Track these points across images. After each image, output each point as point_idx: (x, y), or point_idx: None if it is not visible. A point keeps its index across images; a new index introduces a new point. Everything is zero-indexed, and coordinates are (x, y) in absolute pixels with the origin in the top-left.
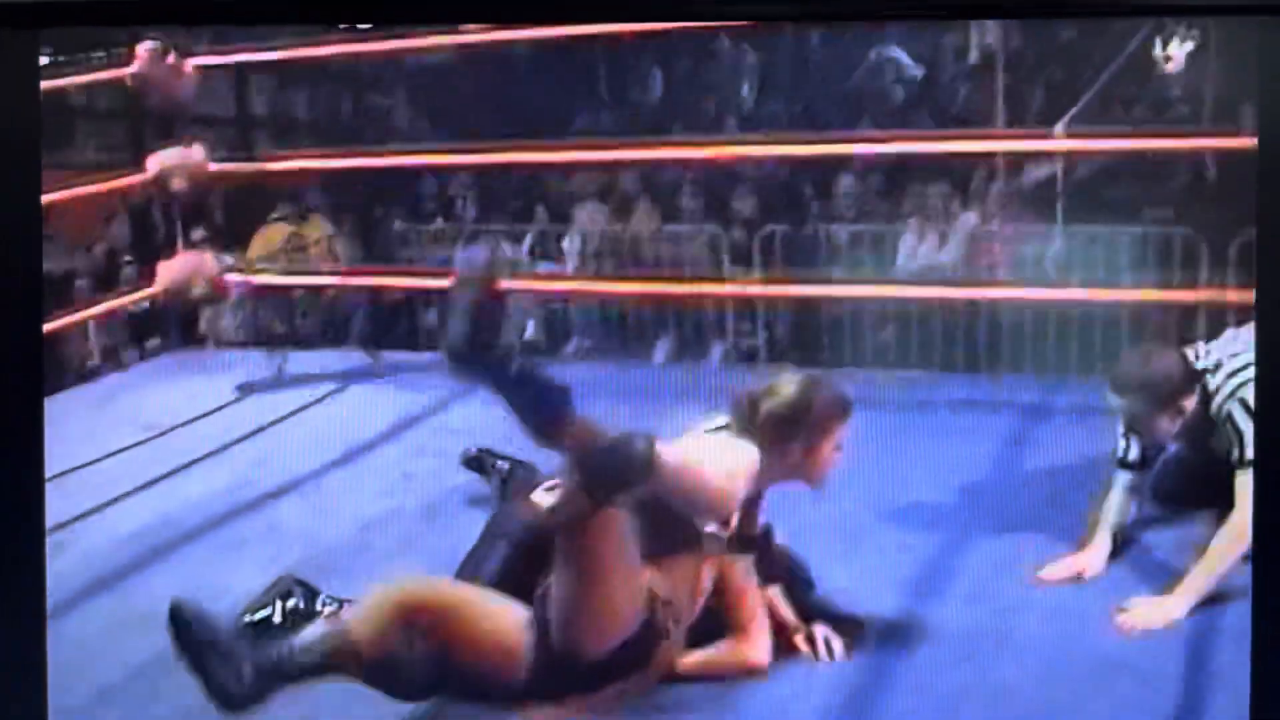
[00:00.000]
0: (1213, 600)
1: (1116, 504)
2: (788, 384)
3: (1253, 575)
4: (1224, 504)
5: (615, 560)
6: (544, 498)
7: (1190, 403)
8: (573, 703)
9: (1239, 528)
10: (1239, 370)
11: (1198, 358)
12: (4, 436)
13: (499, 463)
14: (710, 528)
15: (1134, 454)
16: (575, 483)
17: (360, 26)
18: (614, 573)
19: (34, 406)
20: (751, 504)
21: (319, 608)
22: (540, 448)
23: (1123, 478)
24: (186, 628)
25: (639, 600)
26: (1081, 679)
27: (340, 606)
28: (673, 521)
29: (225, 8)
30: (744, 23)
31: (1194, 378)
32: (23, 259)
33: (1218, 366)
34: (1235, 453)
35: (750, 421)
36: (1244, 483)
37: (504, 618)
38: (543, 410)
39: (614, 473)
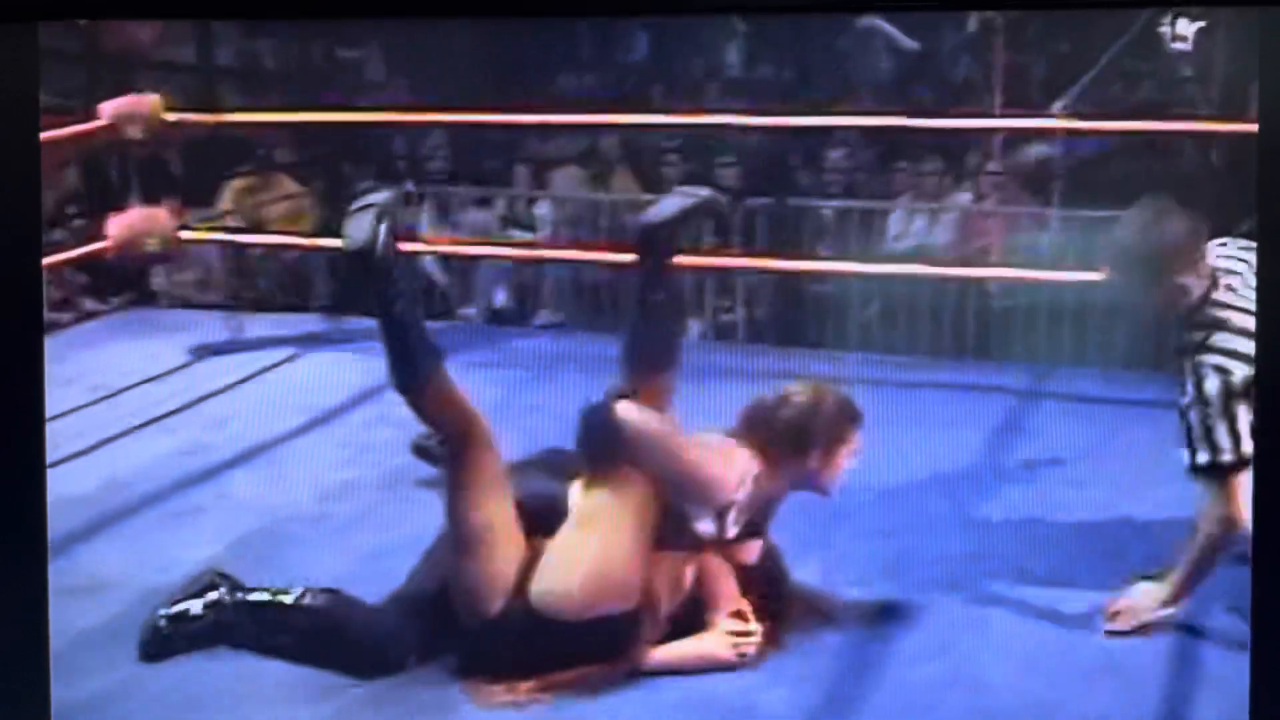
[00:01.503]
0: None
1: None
2: (799, 392)
3: (1253, 575)
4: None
5: (633, 526)
6: None
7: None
8: (533, 678)
9: (1217, 518)
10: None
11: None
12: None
13: None
14: (703, 526)
15: (1203, 456)
16: None
17: None
18: (628, 538)
19: (35, 410)
20: (759, 515)
21: (245, 598)
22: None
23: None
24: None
25: (637, 578)
26: (1065, 674)
27: (273, 596)
28: (667, 513)
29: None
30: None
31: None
32: (22, 251)
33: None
34: (1188, 451)
35: (764, 432)
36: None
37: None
38: (406, 368)
39: (580, 432)
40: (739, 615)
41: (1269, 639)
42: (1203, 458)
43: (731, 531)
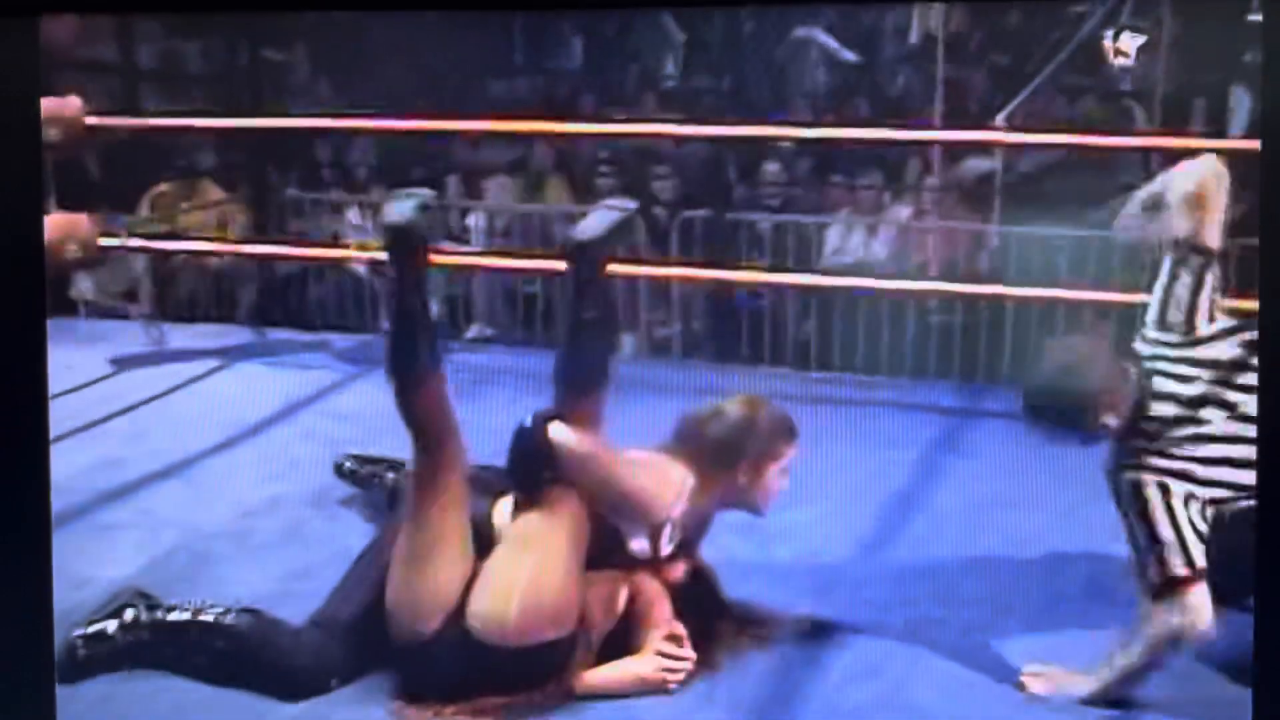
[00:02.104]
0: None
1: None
2: (732, 406)
3: (1256, 575)
4: None
5: (568, 549)
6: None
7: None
8: (461, 702)
9: (1168, 628)
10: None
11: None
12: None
13: (382, 473)
14: (636, 545)
15: (1154, 575)
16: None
17: None
18: (564, 561)
19: (38, 415)
20: (691, 533)
21: (163, 617)
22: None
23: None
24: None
25: (573, 604)
26: (999, 699)
27: (194, 614)
28: (599, 532)
29: None
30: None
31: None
32: (25, 251)
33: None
34: (1137, 570)
35: (695, 446)
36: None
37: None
38: (411, 357)
39: (511, 453)
40: (673, 639)
41: (1272, 640)
42: (1154, 577)
43: (666, 550)
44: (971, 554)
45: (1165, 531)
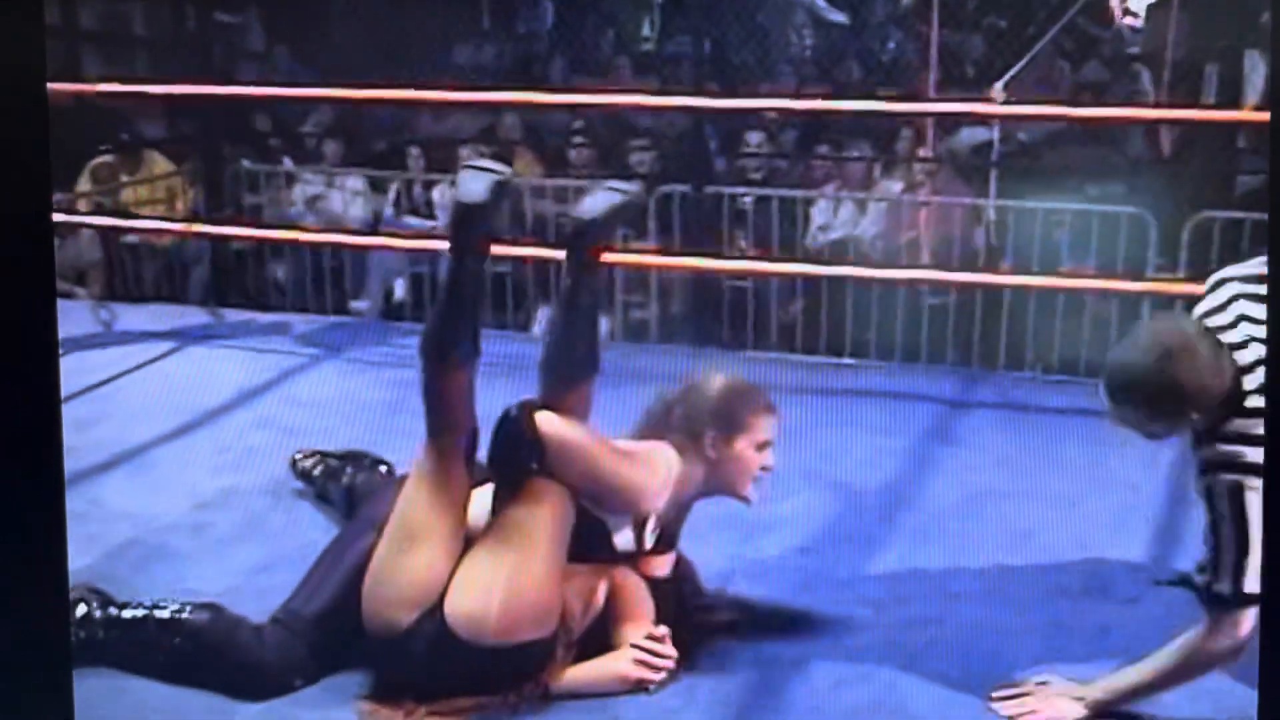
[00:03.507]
0: None
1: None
2: (705, 382)
3: (1265, 573)
4: None
5: (551, 544)
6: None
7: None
8: (434, 702)
9: (1210, 648)
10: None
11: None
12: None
13: (340, 469)
14: (620, 538)
15: (1225, 586)
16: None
17: None
18: (547, 558)
19: (50, 412)
20: (670, 523)
21: (117, 614)
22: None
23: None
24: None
25: (556, 603)
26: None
27: (147, 612)
28: (581, 525)
29: None
30: None
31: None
32: (33, 224)
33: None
34: (1210, 575)
35: (662, 426)
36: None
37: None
38: (453, 341)
39: (494, 444)
40: (654, 636)
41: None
42: (1226, 588)
43: (649, 542)
44: (966, 548)
45: (1257, 538)
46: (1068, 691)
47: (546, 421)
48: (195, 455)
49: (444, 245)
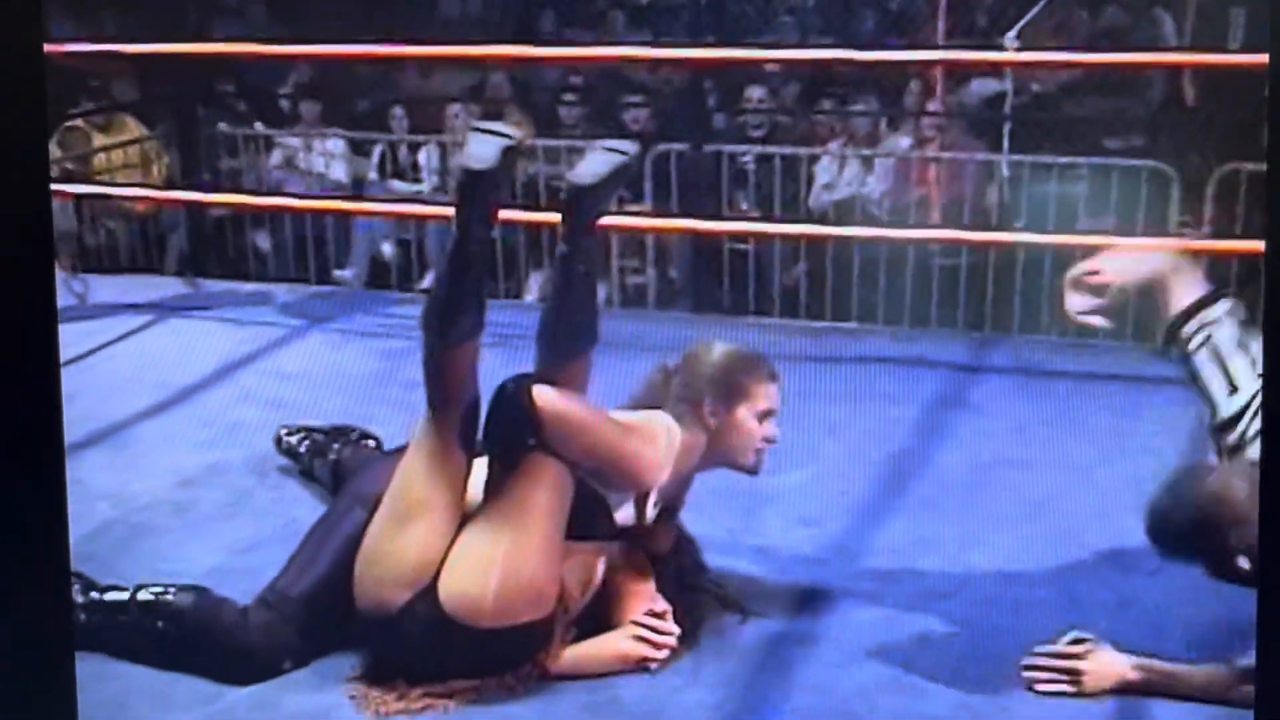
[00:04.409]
0: None
1: None
2: (705, 350)
3: (1260, 568)
4: None
5: (549, 522)
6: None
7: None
8: (429, 684)
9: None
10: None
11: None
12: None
13: (327, 444)
14: (621, 514)
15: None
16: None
17: None
18: (544, 536)
19: (51, 404)
20: (671, 497)
21: (99, 597)
22: None
23: None
24: None
25: (554, 583)
26: (1011, 679)
27: (130, 595)
28: (580, 502)
29: None
30: None
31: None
32: (32, 207)
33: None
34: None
35: (660, 395)
36: None
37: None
38: (458, 316)
39: (490, 419)
40: (655, 613)
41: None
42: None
43: (651, 517)
44: (979, 519)
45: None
46: (1109, 660)
47: (544, 396)
48: (176, 431)
49: (430, 210)
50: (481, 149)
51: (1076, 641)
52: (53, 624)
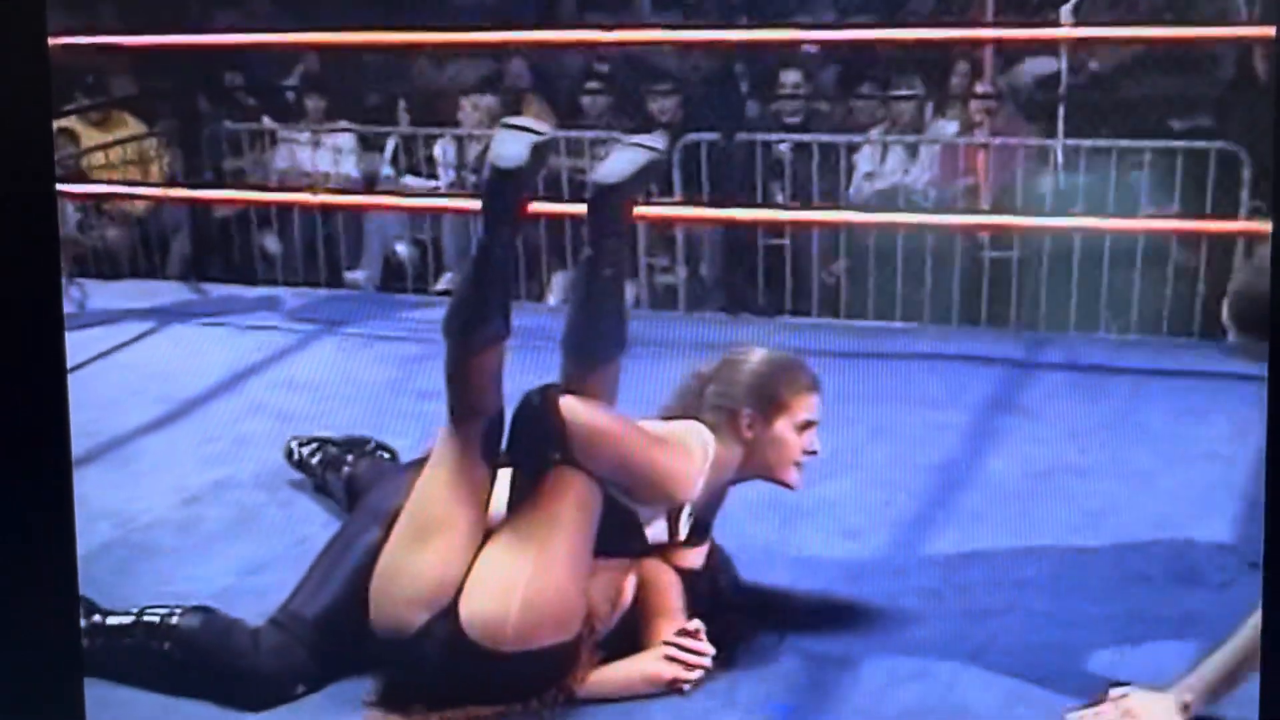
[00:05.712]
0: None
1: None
2: (742, 356)
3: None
4: None
5: (575, 540)
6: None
7: None
8: (447, 710)
9: None
10: None
11: None
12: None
13: (340, 457)
14: (653, 529)
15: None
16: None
17: None
18: (571, 555)
19: (58, 406)
20: (704, 510)
21: (102, 620)
22: None
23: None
24: None
25: (580, 604)
26: (1062, 702)
27: (135, 618)
28: (609, 517)
29: None
30: None
31: None
32: (37, 193)
33: None
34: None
35: (695, 403)
36: None
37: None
38: (482, 319)
39: (514, 432)
40: (687, 632)
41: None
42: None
43: (684, 532)
44: (1032, 530)
45: None
46: (1155, 700)
47: (571, 408)
48: (181, 445)
49: (447, 205)
50: (510, 147)
51: (1120, 694)
52: (61, 651)
